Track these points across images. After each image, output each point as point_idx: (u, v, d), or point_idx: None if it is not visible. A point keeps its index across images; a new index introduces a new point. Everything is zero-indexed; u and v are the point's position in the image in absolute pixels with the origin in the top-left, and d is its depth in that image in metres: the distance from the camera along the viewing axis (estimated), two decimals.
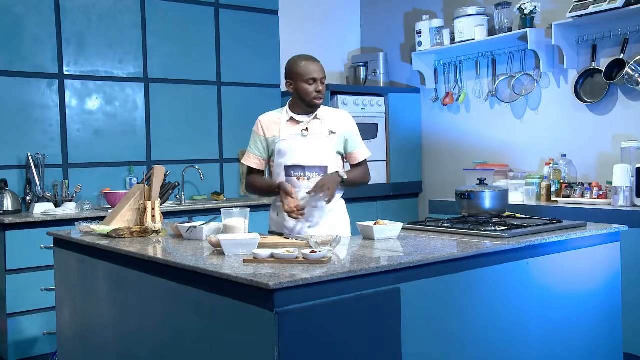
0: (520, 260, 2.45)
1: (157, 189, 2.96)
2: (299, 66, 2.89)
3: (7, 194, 4.11)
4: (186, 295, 2.16)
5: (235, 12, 5.24)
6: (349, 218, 3.12)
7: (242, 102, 5.25)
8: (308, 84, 2.88)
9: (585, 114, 4.44)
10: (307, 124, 2.95)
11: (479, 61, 5.04)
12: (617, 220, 3.51)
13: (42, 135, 4.42)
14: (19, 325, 3.89)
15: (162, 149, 4.90)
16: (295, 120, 2.96)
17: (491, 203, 2.92)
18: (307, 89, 2.88)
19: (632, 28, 4.08)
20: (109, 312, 2.66)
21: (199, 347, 2.11)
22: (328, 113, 3.00)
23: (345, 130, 2.99)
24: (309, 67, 2.88)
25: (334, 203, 2.97)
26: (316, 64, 2.91)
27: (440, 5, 5.37)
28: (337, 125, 2.98)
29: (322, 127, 2.95)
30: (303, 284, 1.82)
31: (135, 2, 4.78)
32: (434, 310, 2.18)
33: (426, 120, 5.55)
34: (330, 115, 3.00)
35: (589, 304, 2.72)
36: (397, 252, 2.31)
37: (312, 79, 2.87)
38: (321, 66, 2.92)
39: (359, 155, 3.04)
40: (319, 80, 2.89)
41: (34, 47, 4.40)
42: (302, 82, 2.88)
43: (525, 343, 2.46)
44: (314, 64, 2.90)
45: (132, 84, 4.78)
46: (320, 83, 2.90)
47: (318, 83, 2.89)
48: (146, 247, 2.53)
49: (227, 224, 2.61)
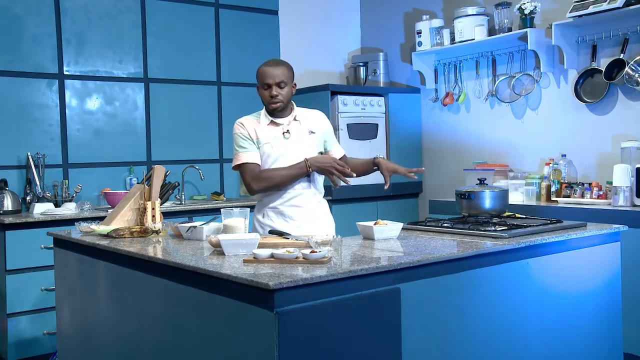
0: (520, 260, 2.45)
1: (157, 189, 2.96)
2: (258, 72, 2.91)
3: (7, 194, 4.11)
4: (186, 295, 2.16)
5: (235, 12, 5.24)
6: (332, 219, 3.13)
7: (242, 102, 5.25)
8: (264, 89, 2.90)
9: (585, 114, 4.44)
10: (287, 126, 2.96)
11: (479, 61, 5.04)
12: (617, 220, 3.51)
13: (42, 135, 4.42)
14: (19, 325, 3.89)
15: (162, 149, 4.90)
16: (275, 122, 2.96)
17: (491, 203, 2.92)
18: (263, 94, 2.91)
19: (632, 28, 4.08)
20: (109, 312, 2.66)
21: (199, 347, 2.11)
22: (305, 114, 3.03)
23: (324, 130, 3.04)
24: (264, 72, 2.87)
25: (317, 204, 3.01)
26: (273, 68, 2.87)
27: (440, 5, 5.37)
28: (315, 125, 3.01)
29: (301, 128, 2.97)
30: (303, 284, 1.82)
31: (135, 2, 4.78)
32: (434, 310, 2.17)
33: (426, 120, 5.55)
34: (307, 115, 3.02)
35: (589, 304, 2.72)
36: (397, 252, 2.31)
37: (266, 84, 2.87)
38: (280, 70, 2.86)
39: (336, 154, 3.09)
40: (273, 86, 2.86)
41: (34, 47, 4.40)
42: (260, 87, 2.92)
43: (525, 343, 2.46)
44: (270, 68, 2.87)
45: (132, 84, 4.78)
46: (278, 87, 2.86)
47: (272, 88, 2.86)
48: (146, 247, 2.53)
49: (227, 224, 2.61)
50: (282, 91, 2.88)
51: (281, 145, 2.93)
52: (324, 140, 3.04)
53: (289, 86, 2.90)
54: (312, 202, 2.98)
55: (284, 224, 2.93)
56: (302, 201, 2.95)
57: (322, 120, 3.06)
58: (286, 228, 2.88)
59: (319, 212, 3.02)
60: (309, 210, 2.97)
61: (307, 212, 2.97)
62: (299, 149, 2.93)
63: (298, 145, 2.94)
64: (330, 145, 3.08)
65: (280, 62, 2.93)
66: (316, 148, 3.00)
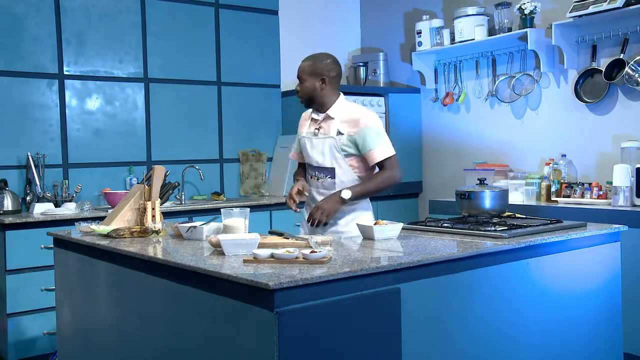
0: (520, 260, 2.45)
1: (157, 189, 2.96)
2: None
3: (7, 194, 4.11)
4: (186, 295, 2.16)
5: (235, 12, 5.24)
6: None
7: (242, 102, 5.25)
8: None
9: (585, 114, 4.44)
10: (321, 123, 2.95)
11: (479, 61, 5.04)
12: (617, 220, 3.51)
13: (42, 135, 4.42)
14: (19, 325, 3.89)
15: (162, 149, 4.90)
16: (313, 118, 2.99)
17: (491, 203, 2.92)
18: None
19: (632, 28, 4.08)
20: (109, 312, 2.66)
21: (199, 347, 2.11)
22: (342, 112, 2.90)
23: (355, 130, 2.83)
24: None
25: (359, 210, 2.97)
26: (302, 63, 2.94)
27: (440, 5, 5.37)
28: (346, 126, 2.86)
29: (332, 127, 2.89)
30: (303, 284, 1.82)
31: (135, 2, 4.78)
32: (434, 310, 2.18)
33: (426, 120, 5.55)
34: (343, 114, 2.89)
35: (589, 304, 2.72)
36: (397, 252, 2.31)
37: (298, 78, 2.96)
38: (304, 64, 2.91)
39: (373, 157, 2.85)
40: (299, 80, 2.93)
41: (34, 47, 4.40)
42: None
43: (525, 343, 2.46)
44: (301, 64, 2.94)
45: (132, 84, 4.78)
46: (300, 81, 2.92)
47: (298, 83, 2.93)
48: (146, 247, 2.53)
49: (227, 224, 2.61)
50: (301, 86, 2.90)
51: (309, 143, 2.97)
52: (354, 141, 2.84)
53: (309, 81, 2.87)
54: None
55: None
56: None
57: (356, 120, 2.84)
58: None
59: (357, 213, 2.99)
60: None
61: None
62: (320, 149, 2.91)
63: (320, 145, 2.91)
64: (366, 148, 2.84)
65: (310, 57, 2.95)
66: (341, 149, 2.87)
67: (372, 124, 2.85)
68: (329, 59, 2.91)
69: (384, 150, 2.85)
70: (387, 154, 2.86)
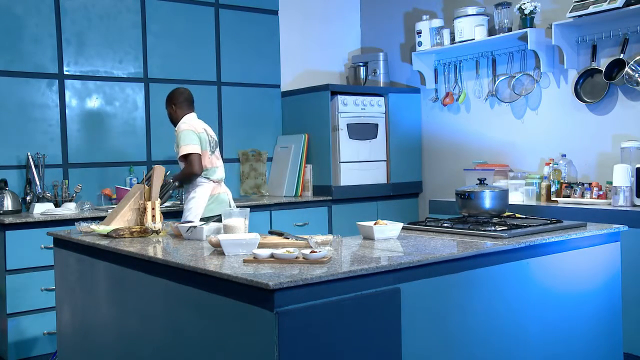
0: (520, 260, 2.45)
1: (157, 189, 2.96)
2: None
3: (7, 194, 4.11)
4: (186, 295, 2.16)
5: (235, 12, 5.24)
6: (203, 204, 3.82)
7: (242, 102, 5.25)
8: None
9: (585, 114, 4.44)
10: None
11: (479, 61, 5.04)
12: (617, 220, 3.51)
13: (42, 135, 4.42)
14: (19, 325, 3.89)
15: (162, 149, 4.90)
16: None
17: (491, 203, 2.92)
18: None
19: (632, 28, 4.08)
20: (109, 312, 2.66)
21: (199, 347, 2.11)
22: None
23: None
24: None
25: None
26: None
27: (440, 5, 5.37)
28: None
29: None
30: (303, 284, 1.82)
31: (135, 2, 4.78)
32: (434, 310, 2.18)
33: (426, 120, 5.55)
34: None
35: (589, 304, 2.72)
36: (397, 252, 2.31)
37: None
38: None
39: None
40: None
41: (34, 47, 4.40)
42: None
43: (525, 343, 2.46)
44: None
45: (132, 84, 4.78)
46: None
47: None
48: (146, 247, 2.53)
49: (227, 224, 2.61)
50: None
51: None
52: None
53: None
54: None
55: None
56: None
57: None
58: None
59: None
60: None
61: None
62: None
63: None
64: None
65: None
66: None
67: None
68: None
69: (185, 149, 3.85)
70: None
